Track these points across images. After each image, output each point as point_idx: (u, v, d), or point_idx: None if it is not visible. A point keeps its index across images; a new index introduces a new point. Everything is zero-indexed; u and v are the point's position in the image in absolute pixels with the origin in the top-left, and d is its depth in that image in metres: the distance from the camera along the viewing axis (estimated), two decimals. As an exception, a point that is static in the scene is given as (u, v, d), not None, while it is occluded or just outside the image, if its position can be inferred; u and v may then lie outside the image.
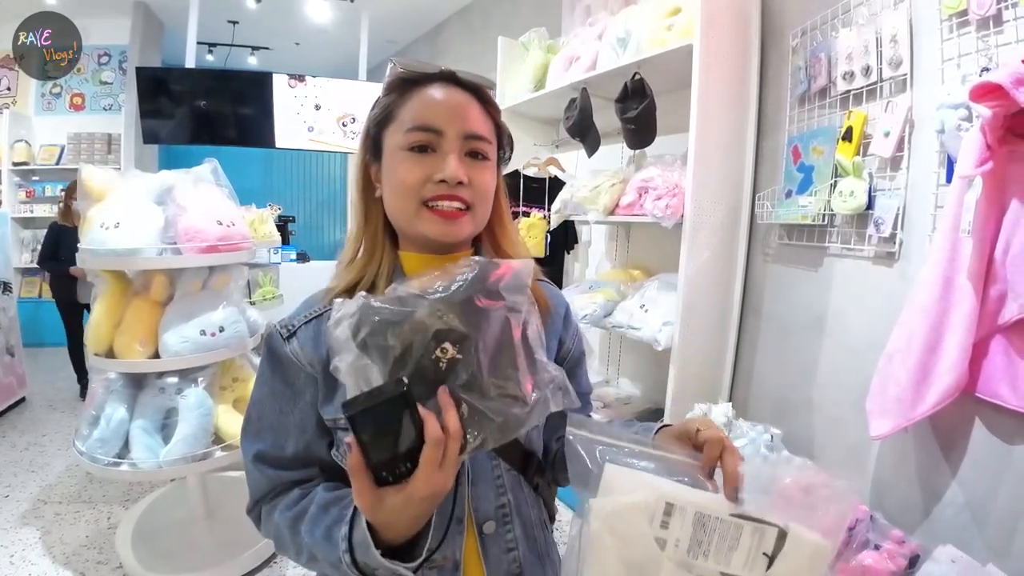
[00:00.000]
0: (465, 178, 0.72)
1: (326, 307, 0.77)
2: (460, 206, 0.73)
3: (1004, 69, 1.09)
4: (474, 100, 0.77)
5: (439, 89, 0.75)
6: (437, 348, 0.58)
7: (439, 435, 0.56)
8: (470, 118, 0.75)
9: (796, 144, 1.86)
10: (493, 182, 0.79)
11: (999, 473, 1.28)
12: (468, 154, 0.75)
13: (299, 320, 0.79)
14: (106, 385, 2.14)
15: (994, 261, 1.22)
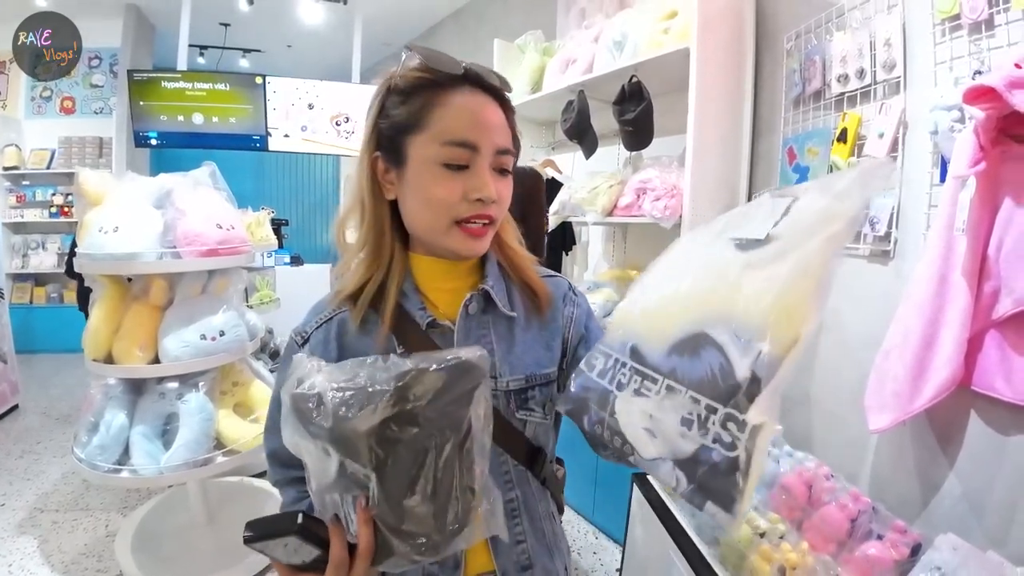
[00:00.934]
0: (497, 195, 0.74)
1: (335, 311, 0.82)
2: (487, 222, 0.76)
3: (997, 72, 1.11)
4: (499, 108, 0.77)
5: (469, 96, 0.74)
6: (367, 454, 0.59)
7: (342, 558, 0.61)
8: (501, 131, 0.75)
9: (791, 145, 1.89)
10: (512, 192, 0.80)
11: (995, 464, 1.31)
12: (495, 168, 0.76)
13: (311, 326, 0.82)
14: (105, 391, 2.13)
15: (987, 258, 1.25)
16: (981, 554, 1.18)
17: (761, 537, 1.32)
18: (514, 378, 0.80)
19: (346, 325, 0.80)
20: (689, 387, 0.53)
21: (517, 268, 0.86)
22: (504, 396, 0.79)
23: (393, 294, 0.78)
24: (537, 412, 0.81)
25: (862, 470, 1.66)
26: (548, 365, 0.83)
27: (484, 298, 0.81)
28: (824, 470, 1.50)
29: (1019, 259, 1.19)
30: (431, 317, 0.79)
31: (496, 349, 0.80)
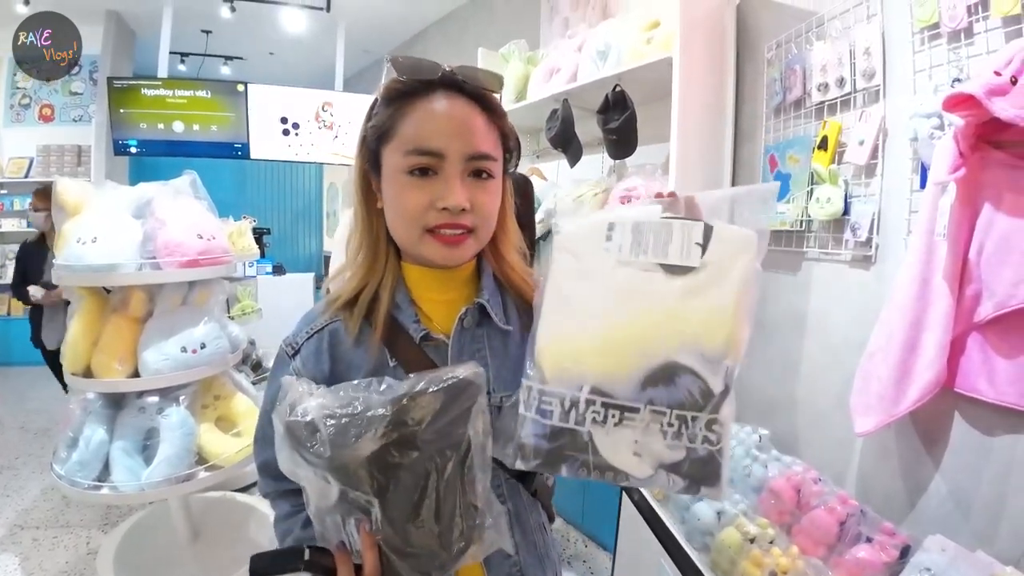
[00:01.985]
0: (467, 203, 0.71)
1: (328, 321, 0.80)
2: (461, 231, 0.73)
3: (977, 80, 1.13)
4: (478, 111, 0.74)
5: (441, 100, 0.72)
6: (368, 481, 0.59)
7: None
8: (473, 136, 0.72)
9: (772, 153, 1.91)
10: (497, 200, 0.77)
11: (980, 463, 1.32)
12: (472, 174, 0.73)
13: (302, 336, 0.80)
14: (84, 406, 2.08)
15: (968, 262, 1.27)
16: (970, 554, 1.19)
17: (751, 543, 1.32)
18: (506, 393, 0.77)
19: (338, 335, 0.79)
20: (672, 407, 0.59)
21: (513, 282, 0.84)
22: (496, 411, 0.77)
23: (385, 305, 0.77)
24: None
25: (848, 471, 1.67)
26: None
27: (480, 311, 0.80)
28: (812, 474, 1.51)
29: (1000, 262, 1.21)
30: (425, 331, 0.77)
31: (490, 364, 0.79)
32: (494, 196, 0.76)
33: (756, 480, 1.53)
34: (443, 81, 0.73)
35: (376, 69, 6.76)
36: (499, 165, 0.77)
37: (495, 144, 0.76)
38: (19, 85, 5.52)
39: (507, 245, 0.84)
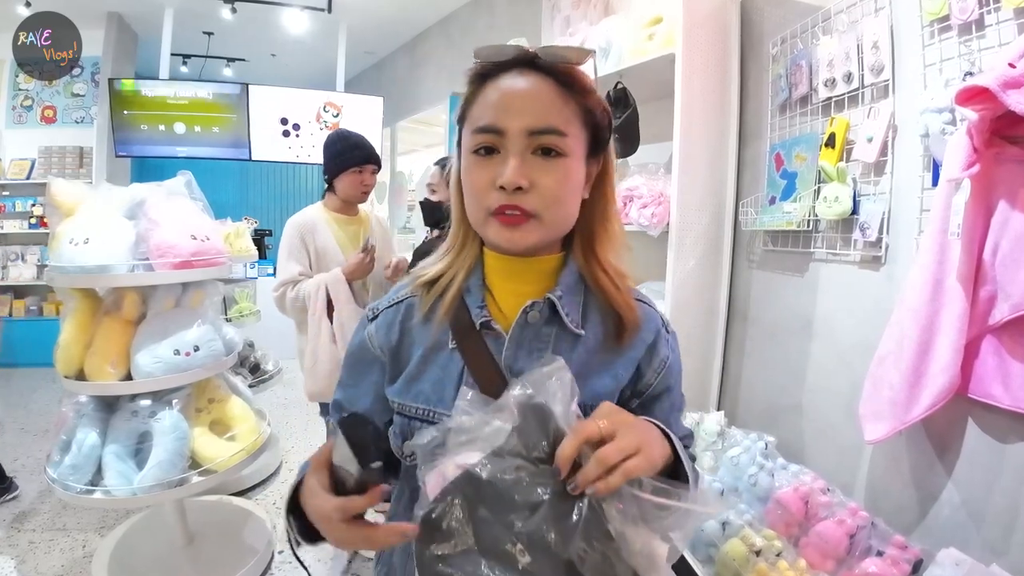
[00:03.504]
0: (525, 182, 0.67)
1: (408, 295, 0.82)
2: (519, 213, 0.69)
3: (991, 72, 1.09)
4: (551, 85, 0.69)
5: (511, 78, 0.70)
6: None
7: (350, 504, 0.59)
8: (537, 110, 0.68)
9: (778, 151, 1.87)
10: (569, 181, 0.71)
11: (994, 472, 1.28)
12: (538, 152, 0.69)
13: (384, 304, 0.84)
14: (77, 409, 2.05)
15: (983, 262, 1.22)
16: (985, 569, 1.15)
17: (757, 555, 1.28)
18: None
19: (412, 310, 0.80)
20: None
21: (601, 284, 0.76)
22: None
23: (457, 286, 0.77)
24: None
25: (857, 480, 1.62)
26: (605, 395, 0.74)
27: (550, 308, 0.75)
28: (820, 484, 1.46)
29: (1015, 263, 1.16)
30: (487, 318, 0.75)
31: None
32: (563, 177, 0.70)
33: (762, 489, 1.48)
34: (517, 60, 0.71)
35: (377, 70, 6.75)
36: (573, 142, 0.70)
37: (568, 119, 0.70)
38: (21, 87, 5.52)
39: (603, 241, 0.77)
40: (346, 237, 2.39)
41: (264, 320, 3.41)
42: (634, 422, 0.63)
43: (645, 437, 0.60)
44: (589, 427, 0.58)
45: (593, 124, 0.73)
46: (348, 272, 2.25)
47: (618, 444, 0.57)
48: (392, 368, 0.80)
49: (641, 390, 0.78)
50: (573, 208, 0.74)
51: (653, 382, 0.78)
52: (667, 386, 0.80)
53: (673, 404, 0.81)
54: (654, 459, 0.60)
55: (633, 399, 0.78)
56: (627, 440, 0.57)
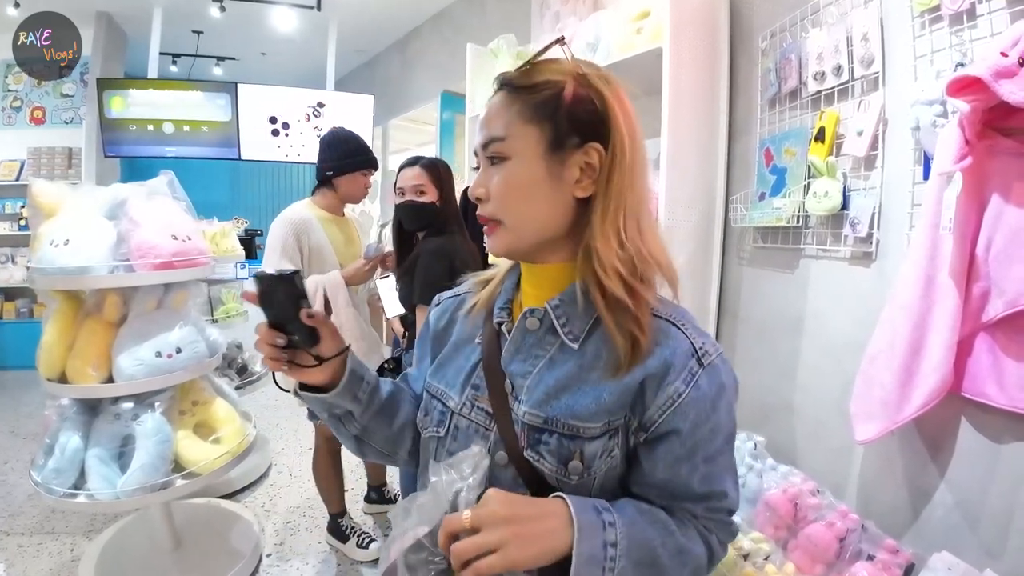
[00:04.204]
0: (482, 191, 0.74)
1: (467, 289, 0.89)
2: (490, 221, 0.74)
3: (983, 62, 1.06)
4: (502, 96, 0.74)
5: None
6: None
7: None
8: (492, 123, 0.73)
9: (768, 146, 1.84)
10: (513, 180, 0.70)
11: (988, 473, 1.25)
12: (492, 160, 0.74)
13: (447, 295, 0.93)
14: (60, 412, 2.03)
15: (976, 258, 1.19)
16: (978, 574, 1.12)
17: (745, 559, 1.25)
18: (531, 411, 0.71)
19: (463, 304, 0.87)
20: None
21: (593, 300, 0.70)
22: (520, 426, 0.73)
23: (493, 287, 0.84)
24: (548, 462, 0.69)
25: (848, 481, 1.59)
26: (584, 417, 0.69)
27: (549, 316, 0.75)
28: (810, 485, 1.43)
29: (1009, 258, 1.13)
30: (502, 319, 0.80)
31: (535, 373, 0.74)
32: (505, 178, 0.72)
33: (751, 491, 1.45)
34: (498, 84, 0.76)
35: (368, 68, 6.71)
36: (516, 142, 0.70)
37: (509, 121, 0.71)
38: (11, 87, 5.48)
39: (602, 248, 0.69)
40: (339, 236, 2.37)
41: (251, 321, 3.37)
42: (510, 516, 0.61)
43: (515, 533, 0.60)
44: (453, 522, 0.61)
45: (549, 115, 0.69)
46: (348, 276, 2.24)
47: (475, 540, 0.59)
48: (433, 350, 0.89)
49: (646, 424, 0.69)
50: (536, 208, 0.71)
51: (657, 420, 0.68)
52: (675, 428, 0.68)
53: (692, 453, 0.69)
54: (518, 559, 0.59)
55: (641, 432, 0.70)
56: (487, 537, 0.59)
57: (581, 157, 0.70)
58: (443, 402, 0.81)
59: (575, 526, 0.61)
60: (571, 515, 0.62)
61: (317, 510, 2.79)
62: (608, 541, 0.63)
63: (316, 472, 2.50)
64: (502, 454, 0.73)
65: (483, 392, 0.77)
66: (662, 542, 0.67)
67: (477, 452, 0.68)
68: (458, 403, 0.79)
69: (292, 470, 3.34)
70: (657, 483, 0.71)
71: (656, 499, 0.71)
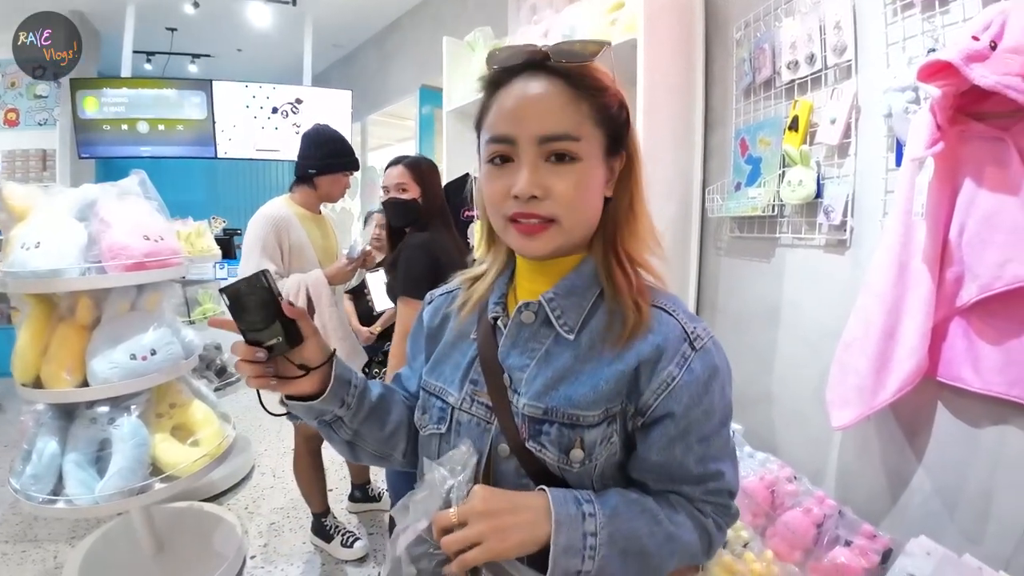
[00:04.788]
0: (538, 191, 0.67)
1: (456, 286, 0.89)
2: (537, 221, 0.69)
3: (954, 47, 1.06)
4: (562, 87, 0.68)
5: (523, 84, 0.69)
6: None
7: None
8: (547, 116, 0.67)
9: (743, 136, 1.84)
10: (585, 185, 0.69)
11: (966, 457, 1.26)
12: (551, 158, 0.68)
13: (439, 292, 0.93)
14: (36, 418, 2.00)
15: (949, 243, 1.20)
16: (957, 559, 1.12)
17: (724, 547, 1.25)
18: (530, 403, 0.72)
19: (455, 302, 0.86)
20: None
21: (616, 280, 0.74)
22: (520, 418, 0.73)
23: (486, 283, 0.83)
24: (550, 452, 0.71)
25: (827, 468, 1.60)
26: (582, 405, 0.70)
27: (543, 309, 0.75)
28: (787, 472, 1.44)
29: (983, 242, 1.14)
30: (497, 314, 0.80)
31: (533, 366, 0.75)
32: (577, 181, 0.68)
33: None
34: (528, 63, 0.70)
35: (347, 63, 6.65)
36: (588, 145, 0.69)
37: (581, 121, 0.68)
38: (-17, 90, 5.36)
39: (627, 238, 0.75)
40: (317, 234, 2.35)
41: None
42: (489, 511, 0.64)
43: (493, 526, 0.63)
44: (442, 518, 0.64)
45: (609, 122, 0.71)
46: (331, 275, 2.22)
47: (460, 535, 0.62)
48: (428, 348, 0.88)
49: (642, 409, 0.71)
50: (593, 211, 0.73)
51: (652, 403, 0.70)
52: (669, 411, 0.70)
53: (685, 433, 0.71)
54: (497, 549, 0.63)
55: (637, 417, 0.72)
56: (472, 530, 0.62)
57: (618, 161, 0.74)
58: (442, 399, 0.81)
59: (552, 518, 0.64)
60: (549, 508, 0.65)
61: (301, 511, 2.77)
62: (588, 531, 0.65)
63: (297, 473, 2.48)
64: (504, 446, 0.74)
65: (482, 387, 0.78)
66: (649, 531, 0.69)
67: (465, 450, 0.71)
68: (458, 399, 0.79)
69: (275, 471, 3.31)
70: (653, 466, 0.72)
71: (654, 483, 0.74)
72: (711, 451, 0.73)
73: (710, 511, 0.76)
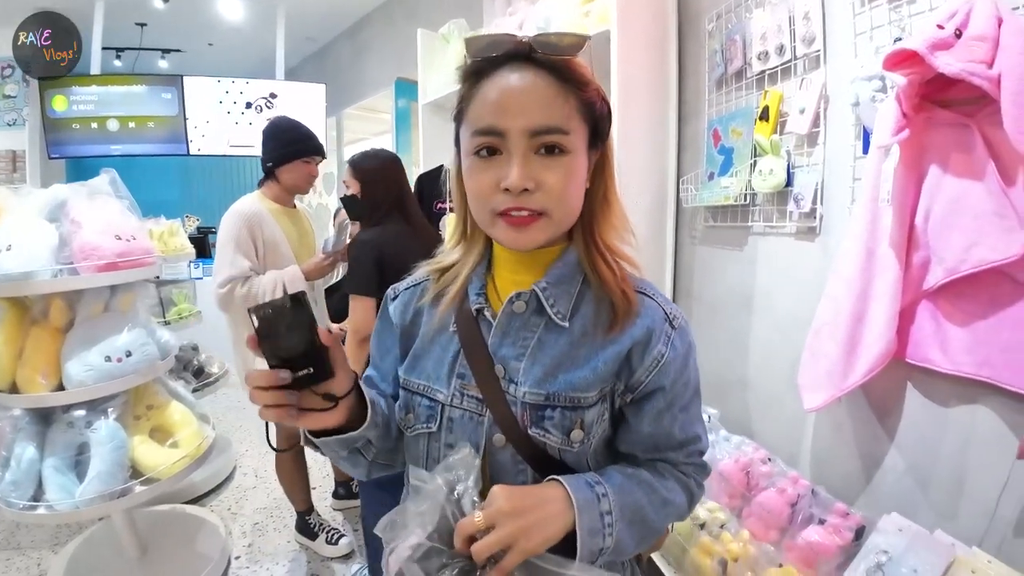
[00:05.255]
0: (531, 184, 0.67)
1: (424, 277, 0.87)
2: (528, 213, 0.69)
3: (919, 35, 1.08)
4: (549, 80, 0.69)
5: (507, 75, 0.69)
6: None
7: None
8: (537, 109, 0.68)
9: (716, 127, 1.86)
10: (574, 177, 0.71)
11: (937, 436, 1.29)
12: (541, 150, 0.69)
13: (403, 286, 0.89)
14: (13, 423, 1.98)
15: (915, 228, 1.23)
16: (928, 535, 1.15)
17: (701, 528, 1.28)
18: (531, 391, 0.74)
19: (426, 293, 0.84)
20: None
21: (599, 270, 0.77)
22: (521, 407, 0.75)
23: (464, 275, 0.81)
24: (553, 435, 0.74)
25: (802, 451, 1.64)
26: (582, 388, 0.74)
27: (535, 298, 0.77)
28: (761, 454, 1.47)
29: (948, 227, 1.16)
30: (480, 305, 0.79)
31: (528, 355, 0.76)
32: (567, 174, 0.70)
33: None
34: (513, 54, 0.70)
35: (320, 56, 6.57)
36: (576, 138, 0.70)
37: (569, 115, 0.69)
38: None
39: (603, 226, 0.78)
40: (292, 230, 2.33)
41: (207, 321, 3.26)
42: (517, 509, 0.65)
43: (524, 524, 0.64)
44: (467, 525, 0.63)
45: (592, 115, 0.72)
46: (308, 271, 2.21)
47: (491, 539, 0.62)
48: (403, 345, 0.86)
49: (633, 386, 0.76)
50: (579, 202, 0.74)
51: (644, 380, 0.75)
52: (659, 386, 0.76)
53: (671, 404, 0.77)
54: (531, 547, 0.63)
55: (627, 393, 0.76)
56: (503, 532, 0.62)
57: (596, 154, 0.76)
58: (429, 397, 0.80)
59: (575, 505, 0.67)
60: (569, 496, 0.68)
61: (285, 510, 2.76)
62: (603, 511, 0.69)
63: (280, 472, 2.48)
64: (499, 436, 0.75)
65: (470, 380, 0.77)
66: (648, 500, 0.75)
67: (468, 453, 0.70)
68: (448, 395, 0.79)
69: (257, 471, 3.30)
70: (643, 437, 0.78)
71: (643, 453, 0.79)
72: (689, 417, 0.80)
73: (691, 471, 0.83)
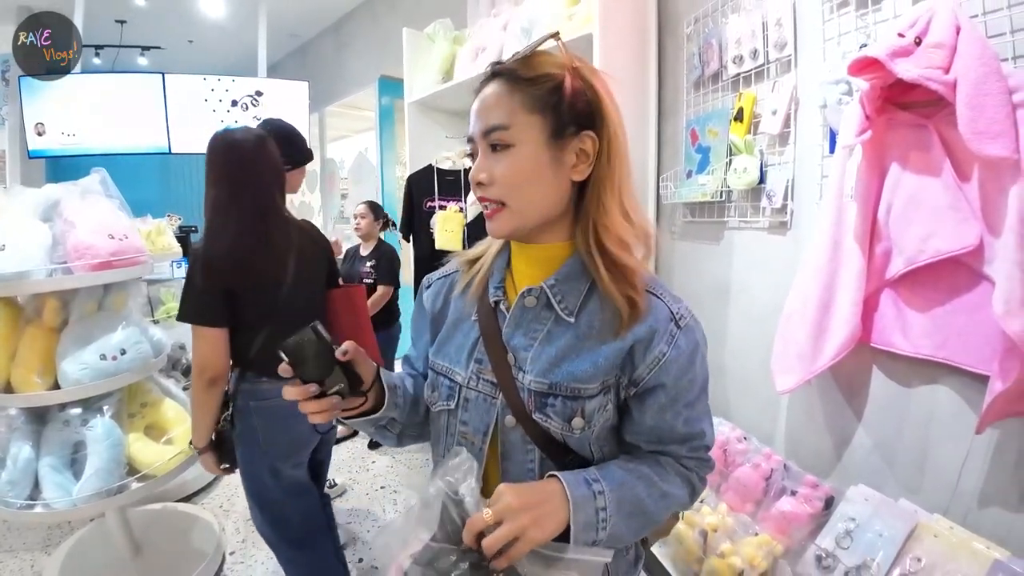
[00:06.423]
0: (484, 176, 0.78)
1: (455, 269, 0.95)
2: (491, 205, 0.79)
3: (881, 43, 1.16)
4: (500, 86, 0.78)
5: (481, 91, 0.80)
6: None
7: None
8: (486, 113, 0.78)
9: (694, 127, 1.94)
10: (519, 167, 0.76)
11: (901, 414, 1.38)
12: (492, 147, 0.78)
13: (436, 276, 0.98)
14: (8, 423, 2.00)
15: (878, 222, 1.31)
16: (893, 503, 1.24)
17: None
18: (536, 379, 0.80)
19: (454, 285, 0.93)
20: None
21: (600, 276, 0.79)
22: (527, 393, 0.81)
23: (485, 267, 0.89)
24: (555, 421, 0.80)
25: (777, 431, 1.72)
26: (583, 379, 0.78)
27: (545, 294, 0.82)
28: (737, 433, 1.55)
29: (908, 220, 1.24)
30: (498, 297, 0.86)
31: (535, 345, 0.82)
32: (511, 164, 0.77)
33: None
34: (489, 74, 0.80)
35: (303, 53, 6.55)
36: (520, 131, 0.76)
37: (512, 110, 0.76)
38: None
39: (608, 230, 0.79)
40: None
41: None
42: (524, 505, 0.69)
43: (531, 518, 0.69)
44: (476, 522, 0.68)
45: (546, 105, 0.76)
46: None
47: (501, 532, 0.67)
48: (432, 331, 0.94)
49: (636, 380, 0.80)
50: (541, 193, 0.78)
51: (645, 376, 0.79)
52: (660, 383, 0.79)
53: (675, 400, 0.80)
54: (537, 538, 0.69)
55: (631, 387, 0.81)
56: (513, 526, 0.67)
57: (577, 144, 0.78)
58: (450, 378, 0.88)
59: (570, 502, 0.72)
60: (566, 492, 0.73)
61: (276, 504, 2.78)
62: (599, 507, 0.75)
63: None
64: (510, 418, 0.82)
65: (486, 365, 0.84)
66: (648, 493, 0.79)
67: (466, 457, 0.74)
68: (465, 377, 0.86)
69: (248, 467, 3.30)
70: (647, 429, 0.83)
71: (646, 445, 0.84)
72: (694, 414, 0.84)
73: (693, 465, 0.87)
